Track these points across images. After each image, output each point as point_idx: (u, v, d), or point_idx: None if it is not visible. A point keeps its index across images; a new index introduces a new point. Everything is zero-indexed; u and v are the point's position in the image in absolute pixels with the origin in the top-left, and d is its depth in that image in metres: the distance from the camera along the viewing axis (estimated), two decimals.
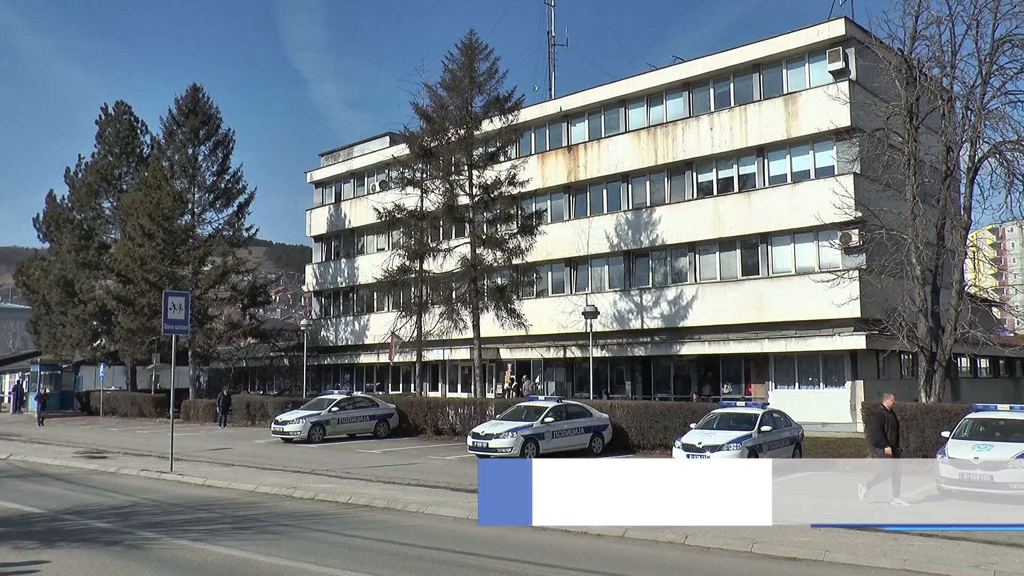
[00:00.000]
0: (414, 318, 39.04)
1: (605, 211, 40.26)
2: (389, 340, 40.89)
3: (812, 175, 33.80)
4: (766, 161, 35.40)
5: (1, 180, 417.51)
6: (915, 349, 24.99)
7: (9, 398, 57.61)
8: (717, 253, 36.30)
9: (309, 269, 57.66)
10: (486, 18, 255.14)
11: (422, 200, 38.58)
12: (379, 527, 13.48)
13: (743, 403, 26.42)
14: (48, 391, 44.84)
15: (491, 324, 37.13)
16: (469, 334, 36.36)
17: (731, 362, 35.51)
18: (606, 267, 40.18)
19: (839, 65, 32.88)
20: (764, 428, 21.13)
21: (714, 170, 36.99)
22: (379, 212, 38.83)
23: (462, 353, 41.55)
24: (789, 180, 34.52)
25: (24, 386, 55.15)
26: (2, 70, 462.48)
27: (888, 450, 16.27)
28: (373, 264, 46.08)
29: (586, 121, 41.81)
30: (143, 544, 11.77)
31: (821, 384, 32.79)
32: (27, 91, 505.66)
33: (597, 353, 35.80)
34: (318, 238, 56.60)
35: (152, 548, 11.50)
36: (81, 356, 53.68)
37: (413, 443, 30.28)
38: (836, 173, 32.37)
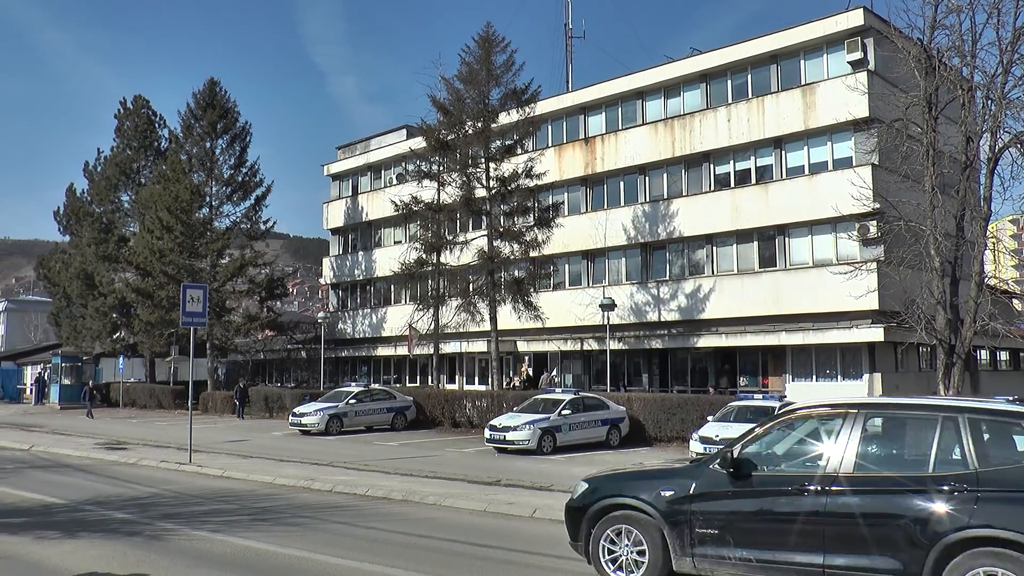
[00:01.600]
0: (431, 311, 39.10)
1: (622, 203, 40.18)
2: (406, 333, 41.01)
3: (830, 166, 33.60)
4: (784, 152, 35.23)
5: (23, 174, 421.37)
6: (934, 341, 24.81)
7: (31, 389, 58.19)
8: (734, 245, 36.18)
9: (326, 262, 57.85)
10: (503, 10, 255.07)
11: (439, 193, 38.61)
12: (397, 519, 13.53)
13: (760, 396, 26.37)
14: (93, 384, 45.00)
15: (508, 317, 37.16)
16: (486, 327, 36.41)
17: (748, 355, 35.40)
18: (623, 259, 40.11)
19: (857, 55, 32.65)
20: None
21: (731, 162, 36.84)
22: (396, 205, 38.93)
23: (479, 346, 41.61)
24: (807, 171, 34.34)
25: (46, 378, 55.67)
26: (22, 64, 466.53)
27: None
28: (390, 257, 46.16)
29: (603, 113, 41.70)
30: (163, 535, 11.87)
31: (839, 377, 32.64)
32: (47, 85, 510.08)
33: (614, 346, 35.79)
34: (335, 231, 56.76)
35: (171, 539, 11.60)
36: (101, 348, 54.16)
37: (430, 435, 30.38)
38: (854, 164, 32.13)
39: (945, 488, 7.35)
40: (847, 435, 8.11)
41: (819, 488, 7.90)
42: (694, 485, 8.70)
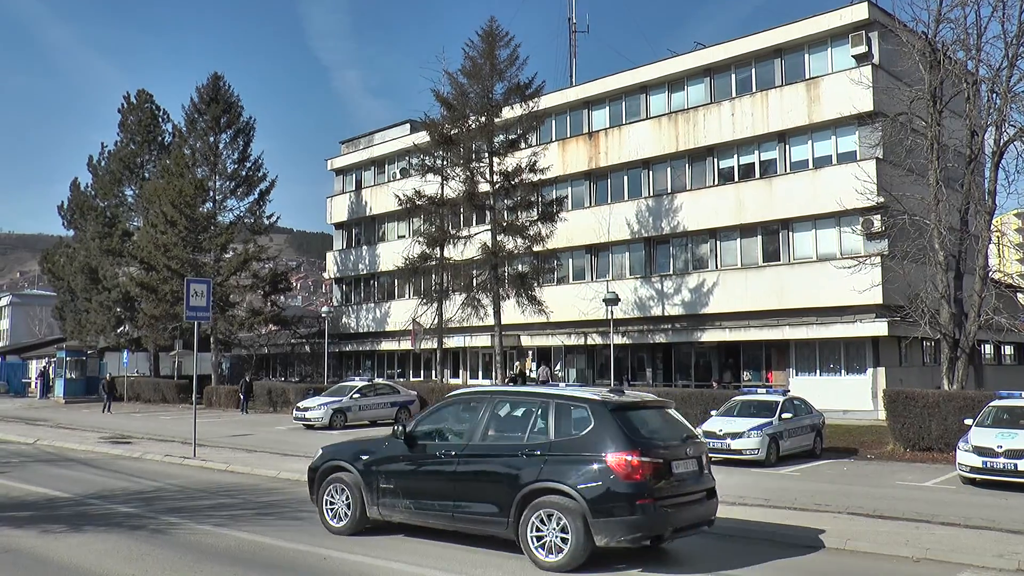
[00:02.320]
0: (435, 305, 39.11)
1: (626, 198, 40.15)
2: (410, 327, 41.02)
3: (834, 160, 33.55)
4: (787, 146, 35.17)
5: (27, 168, 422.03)
6: (938, 336, 24.80)
7: (36, 384, 58.33)
8: (738, 239, 36.15)
9: (330, 256, 57.87)
10: (507, 5, 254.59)
11: (442, 187, 38.59)
12: None
13: (764, 390, 26.35)
14: (111, 377, 44.78)
15: (512, 311, 37.17)
16: (490, 321, 36.42)
17: (752, 349, 35.39)
18: (627, 254, 40.09)
19: (862, 49, 32.57)
20: (785, 415, 21.10)
21: (735, 156, 36.79)
22: (399, 199, 38.91)
23: (483, 340, 41.63)
24: (811, 165, 34.30)
25: (51, 372, 55.77)
26: (28, 60, 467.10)
27: None
28: (394, 251, 46.18)
29: (607, 107, 41.64)
30: (167, 529, 11.89)
31: (842, 371, 32.64)
32: (52, 80, 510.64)
33: (618, 340, 35.77)
34: (339, 225, 56.78)
35: (176, 533, 11.62)
36: (105, 342, 54.26)
37: None
38: (858, 158, 32.11)
39: (532, 454, 9.97)
40: (481, 414, 10.78)
41: (456, 454, 10.60)
42: (381, 453, 11.39)
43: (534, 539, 9.64)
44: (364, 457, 11.47)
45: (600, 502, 9.36)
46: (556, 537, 9.48)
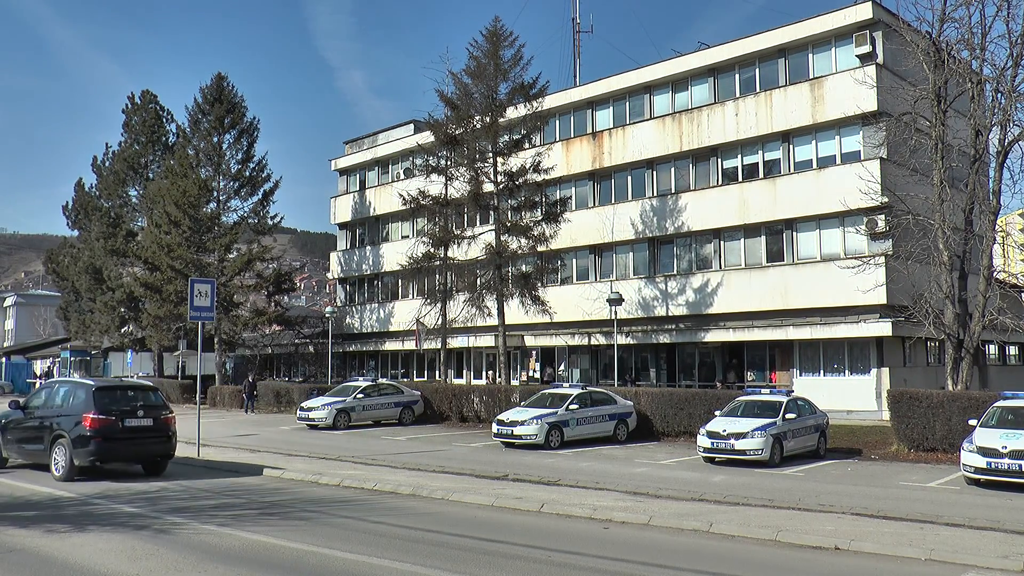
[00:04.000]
0: (439, 305, 39.10)
1: (630, 198, 40.13)
2: (414, 327, 41.02)
3: (838, 160, 33.51)
4: (791, 146, 35.13)
5: (32, 168, 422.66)
6: (942, 336, 24.75)
7: (40, 383, 58.47)
8: (742, 239, 36.11)
9: (334, 256, 57.90)
10: (511, 5, 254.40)
11: (447, 187, 38.59)
12: (405, 514, 13.55)
13: (768, 390, 26.34)
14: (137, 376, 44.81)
15: (516, 311, 37.18)
16: (494, 321, 36.41)
17: (756, 349, 35.36)
18: (631, 254, 40.06)
19: (866, 49, 32.53)
20: (788, 416, 21.07)
21: (739, 156, 36.75)
22: (403, 199, 38.90)
23: (487, 340, 41.63)
24: (815, 165, 34.26)
25: (55, 372, 55.85)
26: (32, 60, 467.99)
27: None
28: (398, 251, 46.18)
29: (611, 108, 41.62)
30: (171, 529, 11.91)
31: (846, 371, 32.60)
32: (57, 81, 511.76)
33: (622, 340, 35.76)
34: (343, 225, 56.81)
35: (180, 532, 11.64)
36: (109, 342, 54.36)
37: (438, 430, 30.41)
38: (862, 158, 32.08)
39: (60, 414, 17.00)
40: (49, 392, 18.15)
41: (34, 415, 17.75)
42: (11, 417, 18.31)
43: (55, 463, 16.76)
44: (3, 420, 18.62)
45: (77, 441, 16.37)
46: (62, 461, 16.61)
